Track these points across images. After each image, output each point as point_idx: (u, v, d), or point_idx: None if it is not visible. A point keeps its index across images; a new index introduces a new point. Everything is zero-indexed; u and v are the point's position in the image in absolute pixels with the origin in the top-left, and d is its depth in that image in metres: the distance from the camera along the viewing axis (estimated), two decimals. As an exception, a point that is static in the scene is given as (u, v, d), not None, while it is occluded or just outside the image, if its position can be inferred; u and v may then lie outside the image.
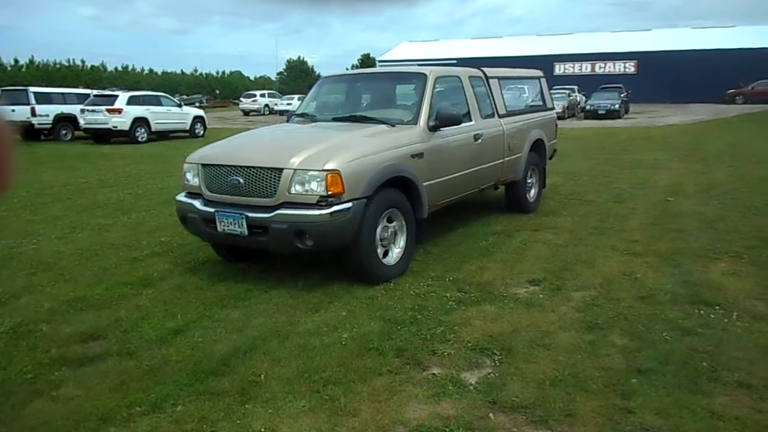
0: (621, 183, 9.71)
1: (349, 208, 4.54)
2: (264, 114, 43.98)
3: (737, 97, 38.04)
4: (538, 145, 7.69)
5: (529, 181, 7.60)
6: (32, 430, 2.92)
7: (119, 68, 72.22)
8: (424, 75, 5.91)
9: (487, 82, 6.88)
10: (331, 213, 4.46)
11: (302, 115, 6.50)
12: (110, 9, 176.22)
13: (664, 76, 43.37)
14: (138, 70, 74.68)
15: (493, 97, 6.87)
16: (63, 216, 8.02)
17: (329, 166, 4.51)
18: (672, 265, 5.24)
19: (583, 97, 33.66)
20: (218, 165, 4.98)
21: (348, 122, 5.84)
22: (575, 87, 34.40)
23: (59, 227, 7.29)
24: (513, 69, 8.17)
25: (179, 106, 22.78)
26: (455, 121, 5.68)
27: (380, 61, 58.43)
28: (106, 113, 19.59)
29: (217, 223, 4.84)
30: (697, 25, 53.33)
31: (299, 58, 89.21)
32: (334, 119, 6.09)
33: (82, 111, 20.14)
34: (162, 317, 4.27)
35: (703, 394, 3.05)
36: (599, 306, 4.31)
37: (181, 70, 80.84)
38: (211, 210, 4.88)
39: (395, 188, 5.04)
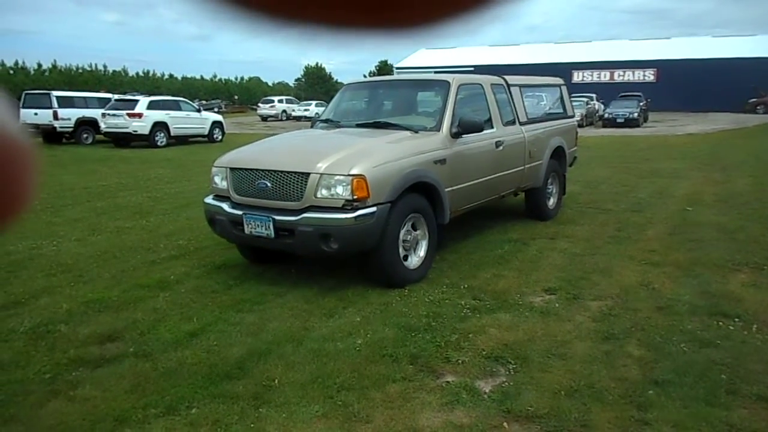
0: (639, 192, 9.62)
1: (373, 213, 4.61)
2: (282, 120, 44.21)
3: (758, 107, 37.50)
4: (558, 153, 7.73)
5: (549, 188, 7.63)
6: (49, 430, 2.95)
7: (140, 73, 73.12)
8: (447, 82, 5.98)
9: (509, 89, 6.92)
10: (356, 217, 4.53)
11: (326, 120, 6.57)
12: (133, 15, 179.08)
13: (684, 84, 42.90)
14: (159, 75, 75.57)
15: (514, 104, 6.92)
16: (82, 218, 8.13)
17: (355, 171, 4.59)
18: (690, 275, 5.17)
19: (602, 105, 33.39)
20: (246, 169, 5.10)
21: (372, 128, 5.92)
22: (593, 95, 34.15)
23: (79, 229, 7.39)
24: (534, 77, 8.21)
25: (198, 111, 22.98)
26: (477, 128, 5.74)
27: (398, 68, 58.53)
28: (127, 117, 19.81)
29: (245, 226, 4.92)
30: (717, 34, 52.82)
31: (317, 64, 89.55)
32: (358, 125, 6.20)
33: (103, 115, 20.39)
34: (178, 320, 4.31)
35: (721, 407, 3.01)
36: (616, 316, 4.27)
37: (201, 76, 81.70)
38: (239, 213, 4.97)
39: (418, 194, 5.10)
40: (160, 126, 20.44)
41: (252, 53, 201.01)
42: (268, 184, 4.84)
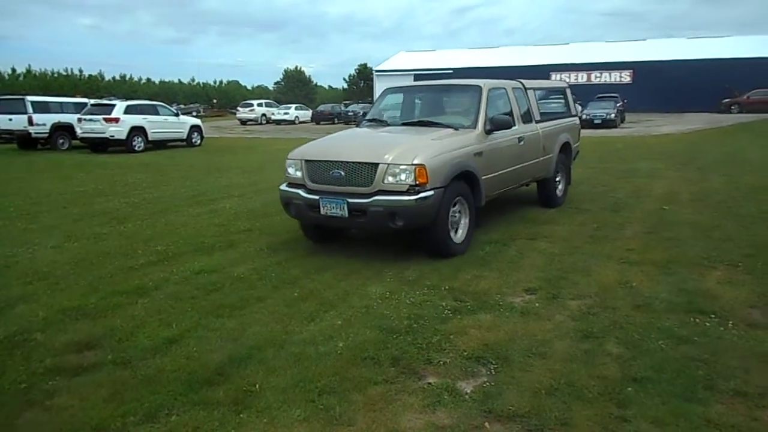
0: (617, 192, 9.73)
1: (431, 195, 5.57)
2: (261, 123, 44.03)
3: (732, 107, 38.16)
4: (565, 147, 8.74)
5: (558, 178, 8.59)
6: (25, 441, 2.90)
7: (117, 77, 72.24)
8: (479, 87, 6.91)
9: (526, 92, 7.89)
10: (417, 199, 5.49)
11: (373, 120, 7.53)
12: (110, 19, 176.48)
13: (660, 85, 43.50)
14: (136, 79, 74.75)
15: (530, 105, 7.87)
16: (59, 225, 8.01)
17: (417, 161, 5.54)
18: (667, 273, 5.24)
19: (579, 107, 33.74)
20: (321, 161, 6.01)
21: (417, 126, 6.87)
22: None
23: (55, 236, 7.27)
24: (544, 81, 9.04)
25: (176, 115, 22.80)
26: (506, 125, 6.82)
27: (377, 71, 58.57)
28: (103, 122, 19.58)
29: (321, 208, 5.81)
30: (692, 35, 53.62)
31: (296, 67, 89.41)
32: (404, 124, 7.13)
33: (79, 120, 20.12)
34: (157, 326, 4.26)
35: (698, 403, 3.05)
36: (595, 315, 4.31)
37: (179, 80, 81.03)
38: (316, 197, 5.85)
39: (462, 180, 6.05)
40: (137, 131, 20.24)
41: (231, 57, 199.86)
42: (342, 173, 5.76)
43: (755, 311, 4.34)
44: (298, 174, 6.15)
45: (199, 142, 23.12)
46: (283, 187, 6.32)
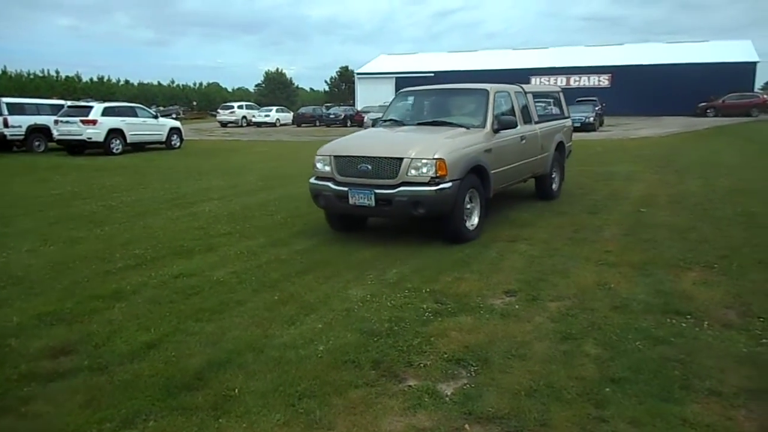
0: (596, 194, 9.84)
1: (449, 186, 6.24)
2: (242, 125, 43.76)
3: (708, 110, 38.80)
4: (560, 146, 9.53)
5: (553, 174, 9.37)
6: (-2, 449, 2.84)
7: (94, 79, 71.25)
8: (487, 90, 7.63)
9: (526, 95, 8.61)
10: (437, 189, 6.17)
11: (389, 120, 8.15)
12: (88, 20, 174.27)
13: (637, 89, 44.09)
14: (114, 81, 73.83)
15: (529, 107, 8.59)
16: (34, 229, 7.88)
17: (437, 155, 6.22)
18: (645, 275, 5.31)
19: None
20: (349, 156, 6.63)
21: (431, 126, 7.51)
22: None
23: (30, 240, 7.15)
24: (540, 85, 10.12)
25: (155, 117, 22.56)
26: (512, 125, 7.66)
27: (358, 74, 58.60)
28: (81, 124, 19.31)
29: (350, 198, 6.46)
30: (669, 40, 54.50)
31: (277, 69, 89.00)
32: (419, 124, 7.75)
33: (56, 122, 19.82)
34: (134, 331, 4.21)
35: (675, 402, 3.10)
36: (574, 316, 4.35)
37: (158, 82, 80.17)
38: (345, 189, 6.50)
39: (474, 174, 6.73)
40: (115, 133, 19.98)
41: (211, 58, 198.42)
42: (369, 167, 6.40)
43: (730, 312, 4.41)
44: (327, 168, 6.76)
45: (178, 144, 22.90)
46: (312, 180, 6.95)
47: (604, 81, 47.57)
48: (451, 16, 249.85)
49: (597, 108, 30.84)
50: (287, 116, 46.58)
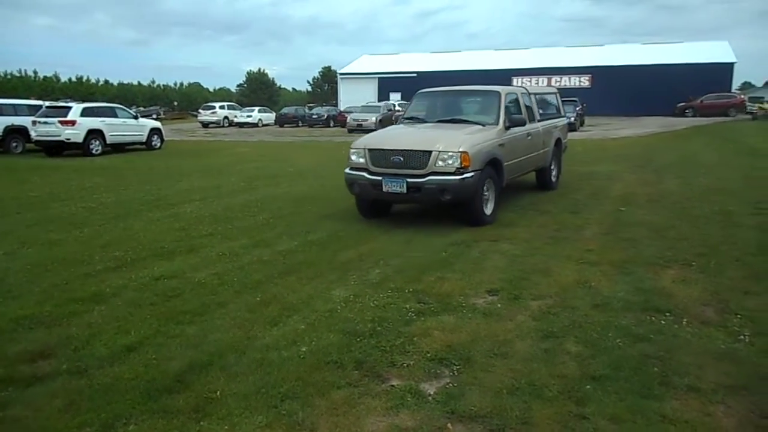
0: (576, 194, 9.93)
1: (472, 176, 7.13)
2: (223, 126, 43.45)
3: (687, 111, 39.38)
4: (557, 142, 10.52)
5: (552, 167, 10.37)
6: (-26, 455, 2.80)
7: (73, 79, 70.32)
8: (498, 92, 8.54)
9: (530, 96, 9.58)
10: (461, 178, 7.04)
11: (411, 118, 9.02)
12: (67, 19, 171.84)
13: (617, 89, 44.55)
14: (93, 81, 72.91)
15: (532, 107, 9.49)
16: (11, 231, 7.75)
17: (461, 148, 7.10)
18: (625, 273, 5.37)
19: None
20: (383, 149, 7.50)
21: (450, 123, 8.36)
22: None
23: (7, 242, 7.03)
24: (541, 86, 11.05)
25: (135, 118, 22.30)
26: (521, 123, 8.57)
27: (341, 74, 58.52)
28: (59, 125, 19.02)
29: (383, 186, 7.32)
30: (648, 41, 55.12)
31: (260, 70, 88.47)
32: (439, 121, 8.53)
33: (34, 123, 19.51)
34: (114, 334, 4.16)
35: (654, 399, 3.13)
36: (555, 314, 4.38)
37: (138, 82, 79.40)
38: (378, 178, 7.36)
39: (491, 166, 7.58)
40: (94, 134, 19.72)
41: (192, 58, 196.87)
42: (401, 158, 7.26)
43: (708, 309, 4.47)
44: (361, 160, 7.63)
45: (159, 145, 22.67)
46: (347, 170, 7.84)
47: (584, 81, 48.00)
48: (433, 16, 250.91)
49: (578, 108, 31.07)
50: (270, 116, 46.34)
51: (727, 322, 4.18)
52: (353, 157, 7.77)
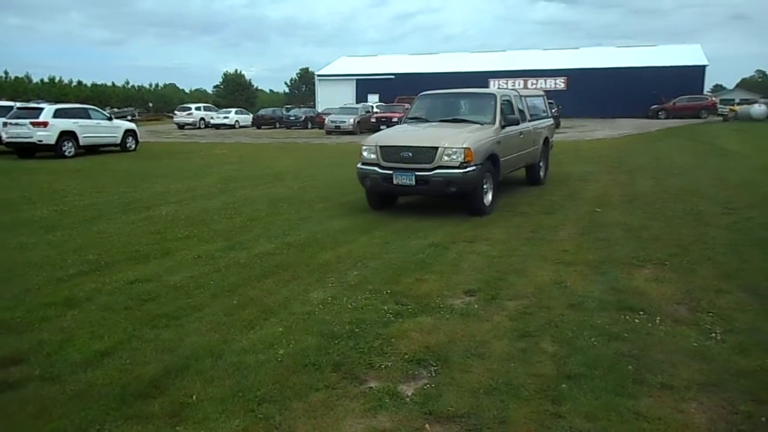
0: (552, 195, 10.04)
1: (474, 169, 7.85)
2: (200, 128, 42.98)
3: (660, 113, 40.06)
4: (546, 140, 11.39)
5: (541, 164, 11.19)
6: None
7: (45, 80, 68.98)
8: (494, 95, 9.45)
9: (521, 98, 10.38)
10: (465, 172, 7.76)
11: (415, 118, 9.71)
12: (40, 19, 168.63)
13: (592, 92, 45.10)
14: (66, 82, 71.56)
15: (523, 108, 10.28)
16: (-19, 235, 7.58)
17: (465, 145, 7.83)
18: (600, 273, 5.44)
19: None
20: (393, 145, 8.27)
21: (452, 122, 9.10)
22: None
23: (-23, 247, 6.87)
24: (530, 89, 10.54)
25: (109, 119, 21.96)
26: (516, 122, 9.36)
27: (319, 76, 58.35)
28: (31, 126, 18.65)
29: (393, 179, 8.07)
30: (622, 44, 55.92)
31: (236, 71, 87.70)
32: (441, 121, 9.23)
33: (4, 124, 19.10)
34: (88, 339, 4.09)
35: (629, 397, 3.18)
36: (531, 314, 4.42)
37: (113, 83, 77.96)
38: (389, 172, 8.10)
39: (490, 161, 8.34)
40: (67, 135, 19.35)
41: (168, 59, 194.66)
42: (410, 154, 8.01)
43: (681, 307, 4.55)
44: (372, 156, 8.33)
45: (134, 147, 22.35)
46: (360, 165, 8.54)
47: (560, 84, 48.49)
48: (411, 18, 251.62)
49: (554, 110, 31.38)
50: (247, 118, 46.00)
51: (699, 321, 4.26)
52: (365, 153, 8.43)
